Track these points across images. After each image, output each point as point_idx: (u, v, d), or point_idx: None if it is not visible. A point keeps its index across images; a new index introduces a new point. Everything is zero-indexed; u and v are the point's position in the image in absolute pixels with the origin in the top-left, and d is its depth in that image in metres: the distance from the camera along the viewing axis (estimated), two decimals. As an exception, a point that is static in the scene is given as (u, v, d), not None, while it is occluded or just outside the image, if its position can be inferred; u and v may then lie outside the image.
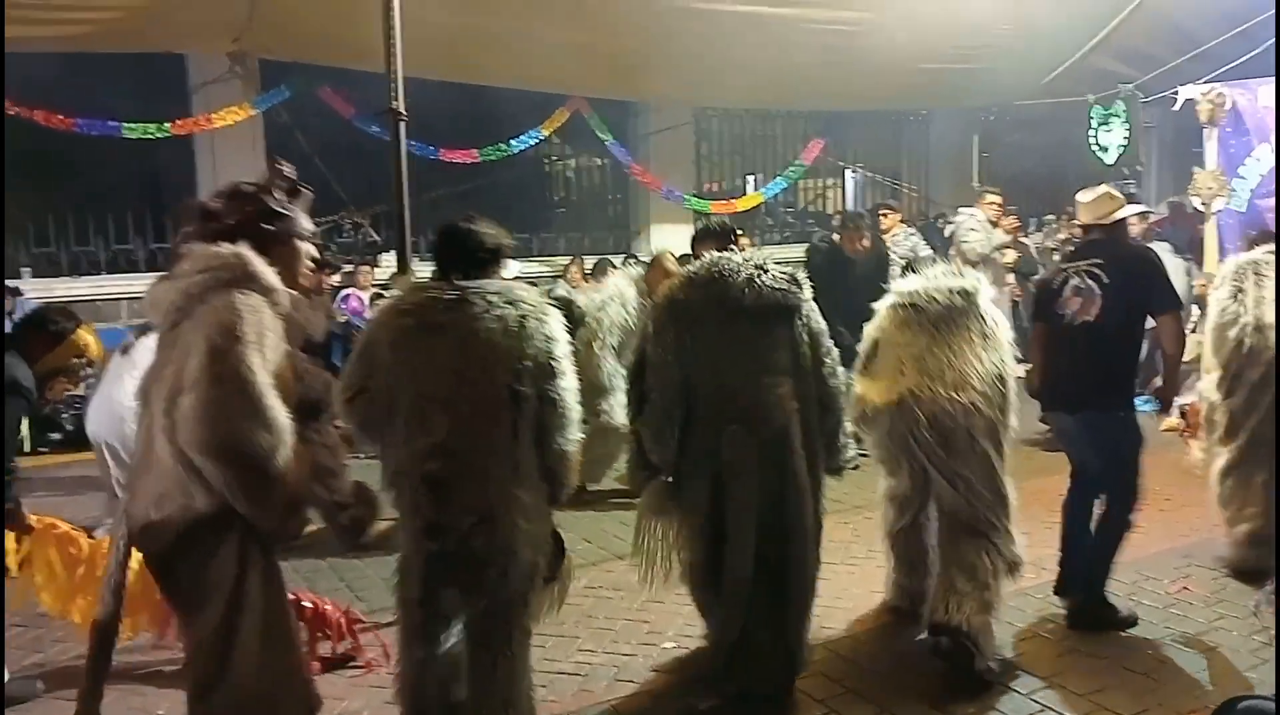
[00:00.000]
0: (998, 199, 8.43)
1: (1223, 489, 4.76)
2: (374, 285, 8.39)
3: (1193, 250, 8.61)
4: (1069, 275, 4.20)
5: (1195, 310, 8.55)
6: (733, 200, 11.24)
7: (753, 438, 3.34)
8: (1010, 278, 9.07)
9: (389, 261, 8.52)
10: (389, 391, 2.84)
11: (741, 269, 3.41)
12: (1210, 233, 8.40)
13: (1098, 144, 10.20)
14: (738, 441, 3.34)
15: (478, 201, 10.08)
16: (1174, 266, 8.47)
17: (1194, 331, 8.29)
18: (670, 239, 10.26)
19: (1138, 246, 4.46)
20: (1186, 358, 4.64)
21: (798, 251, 10.86)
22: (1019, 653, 3.90)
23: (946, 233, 11.47)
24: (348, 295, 8.42)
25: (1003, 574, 3.77)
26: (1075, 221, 4.55)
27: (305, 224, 2.58)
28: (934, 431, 3.76)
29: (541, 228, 10.97)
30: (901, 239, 9.18)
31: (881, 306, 4.06)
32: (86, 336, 3.88)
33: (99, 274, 8.78)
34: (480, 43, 7.64)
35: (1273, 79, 7.86)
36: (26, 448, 6.96)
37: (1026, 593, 4.42)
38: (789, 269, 3.55)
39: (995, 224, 8.34)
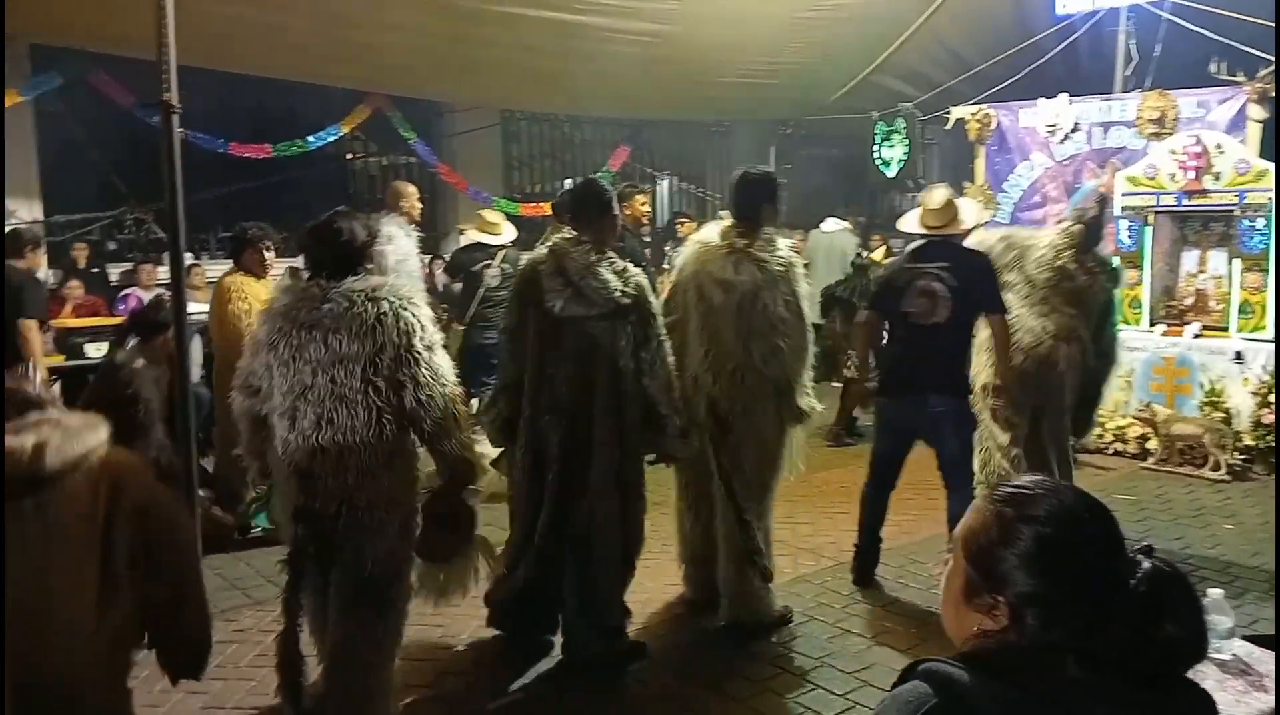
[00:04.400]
0: None
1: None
2: (157, 284, 7.95)
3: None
4: (915, 275, 4.42)
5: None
6: (543, 204, 11.29)
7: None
8: None
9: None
10: (270, 390, 3.06)
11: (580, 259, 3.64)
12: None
13: (880, 158, 10.86)
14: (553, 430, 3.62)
15: (275, 198, 9.73)
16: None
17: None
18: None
19: (974, 252, 4.67)
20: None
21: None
22: (796, 635, 4.14)
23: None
24: (127, 295, 7.95)
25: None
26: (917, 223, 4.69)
27: None
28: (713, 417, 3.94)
29: (344, 227, 10.67)
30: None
31: (686, 258, 4.20)
32: None
33: None
34: (270, 37, 7.36)
35: (1033, 103, 8.62)
36: None
37: (805, 579, 4.68)
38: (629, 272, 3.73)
39: None
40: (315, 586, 3.13)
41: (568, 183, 12.28)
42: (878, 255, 9.96)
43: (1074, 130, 8.36)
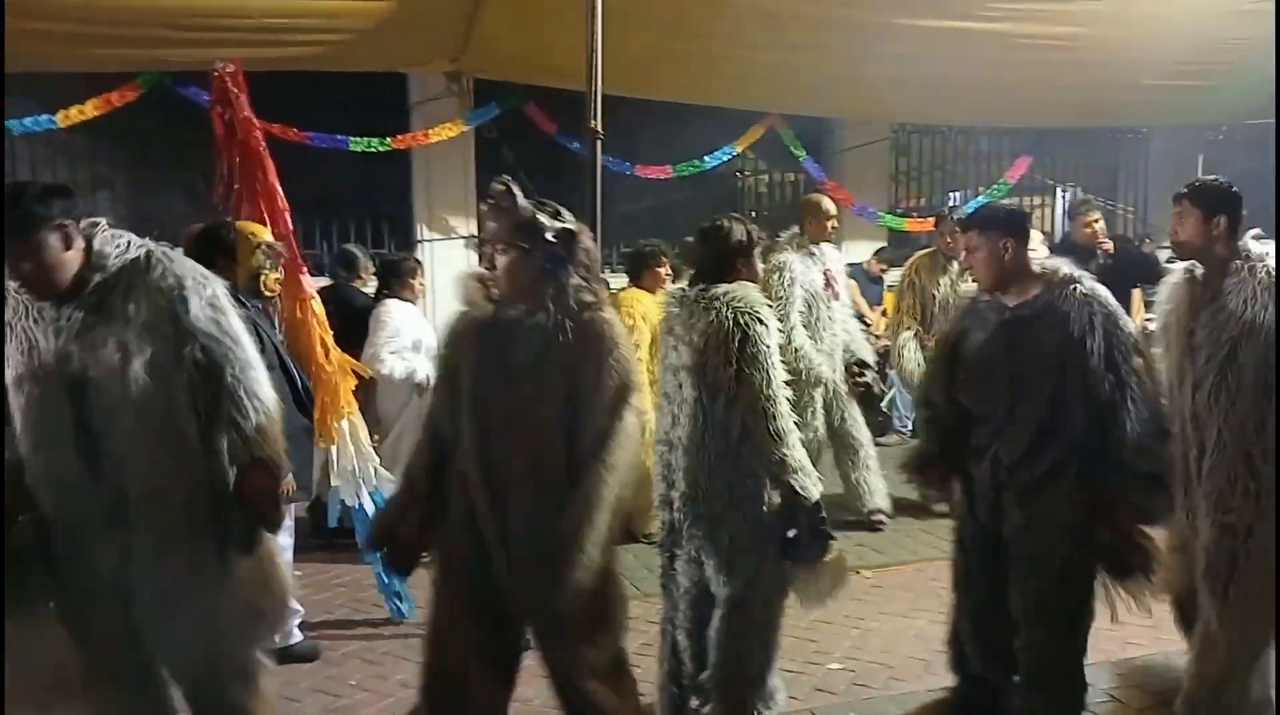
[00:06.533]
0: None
1: None
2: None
3: None
4: None
5: None
6: (929, 218, 10.93)
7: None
8: None
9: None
10: None
11: None
12: None
13: (1338, 169, 9.32)
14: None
15: (671, 216, 10.28)
16: None
17: None
18: (863, 254, 10.11)
19: None
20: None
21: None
22: None
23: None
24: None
25: None
26: None
27: None
28: None
29: (732, 243, 11.03)
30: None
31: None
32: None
33: (321, 275, 9.38)
34: (678, 63, 7.78)
35: None
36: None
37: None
38: None
39: None
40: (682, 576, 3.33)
41: (953, 197, 11.80)
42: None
43: None
